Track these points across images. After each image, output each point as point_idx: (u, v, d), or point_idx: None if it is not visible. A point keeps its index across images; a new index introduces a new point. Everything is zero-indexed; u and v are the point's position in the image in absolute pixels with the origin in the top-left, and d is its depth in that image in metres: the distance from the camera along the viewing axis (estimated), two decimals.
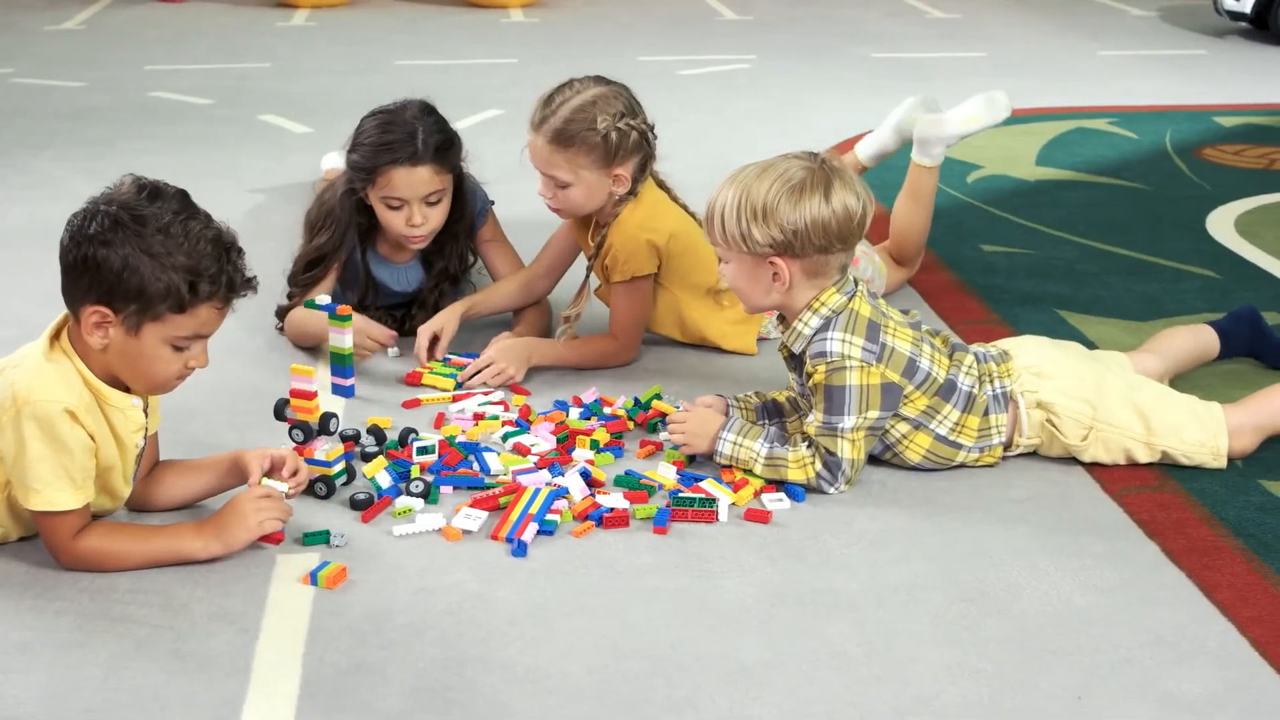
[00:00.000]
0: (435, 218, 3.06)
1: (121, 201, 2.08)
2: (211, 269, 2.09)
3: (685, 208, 3.04)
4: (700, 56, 6.93)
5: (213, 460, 2.38)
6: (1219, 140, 5.05)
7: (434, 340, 2.99)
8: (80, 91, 6.01)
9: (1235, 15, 7.37)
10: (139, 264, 2.05)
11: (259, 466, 2.31)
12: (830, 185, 2.37)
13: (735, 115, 5.62)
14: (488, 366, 2.88)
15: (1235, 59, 6.85)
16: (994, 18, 8.18)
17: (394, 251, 3.17)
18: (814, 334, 2.42)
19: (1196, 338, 2.91)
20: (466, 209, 3.16)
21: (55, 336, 2.17)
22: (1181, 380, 2.85)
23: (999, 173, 4.60)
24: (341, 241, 3.10)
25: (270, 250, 3.39)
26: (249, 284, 2.17)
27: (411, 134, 2.96)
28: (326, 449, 2.43)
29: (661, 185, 3.03)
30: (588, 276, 3.11)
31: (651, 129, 2.93)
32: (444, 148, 3.00)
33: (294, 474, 2.31)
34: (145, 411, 2.23)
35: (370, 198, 3.04)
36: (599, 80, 2.90)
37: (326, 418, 2.46)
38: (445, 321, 3.01)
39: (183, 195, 2.14)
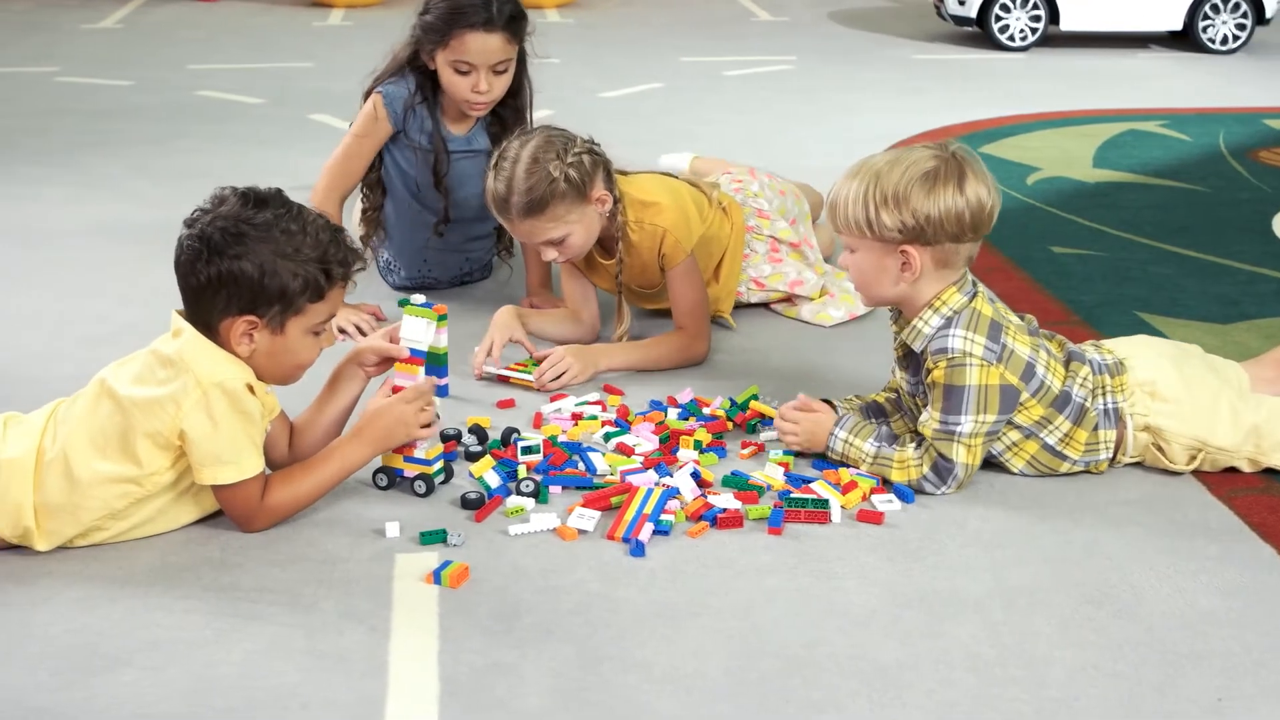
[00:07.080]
0: (499, 87, 3.16)
1: (234, 215, 2.19)
2: (337, 254, 2.25)
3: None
4: (743, 57, 6.93)
5: (326, 392, 2.46)
6: (1272, 143, 5.05)
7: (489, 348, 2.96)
8: (127, 90, 6.02)
9: (960, 20, 7.30)
10: (276, 267, 2.17)
11: (374, 355, 2.43)
12: (964, 176, 2.35)
13: (780, 116, 5.62)
14: (558, 363, 2.87)
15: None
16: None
17: (455, 124, 3.27)
18: (935, 332, 2.41)
19: None
20: (525, 86, 3.25)
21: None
22: None
23: (1058, 174, 4.60)
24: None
25: None
26: (360, 256, 2.32)
27: (487, 1, 3.06)
28: (426, 447, 2.43)
29: (621, 173, 3.00)
30: (620, 297, 3.04)
31: (591, 141, 2.91)
32: (517, 17, 3.12)
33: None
34: None
35: (436, 60, 3.14)
36: (518, 138, 2.86)
37: None
38: (509, 326, 2.97)
39: (280, 194, 2.26)
